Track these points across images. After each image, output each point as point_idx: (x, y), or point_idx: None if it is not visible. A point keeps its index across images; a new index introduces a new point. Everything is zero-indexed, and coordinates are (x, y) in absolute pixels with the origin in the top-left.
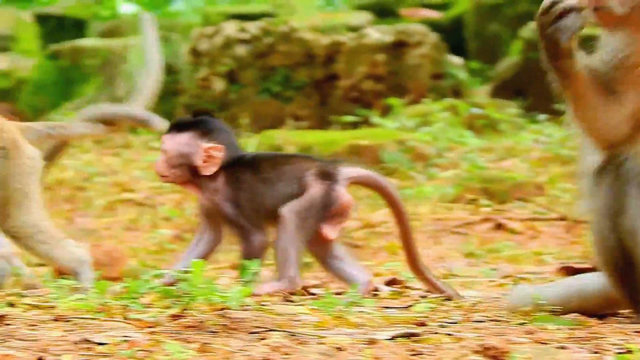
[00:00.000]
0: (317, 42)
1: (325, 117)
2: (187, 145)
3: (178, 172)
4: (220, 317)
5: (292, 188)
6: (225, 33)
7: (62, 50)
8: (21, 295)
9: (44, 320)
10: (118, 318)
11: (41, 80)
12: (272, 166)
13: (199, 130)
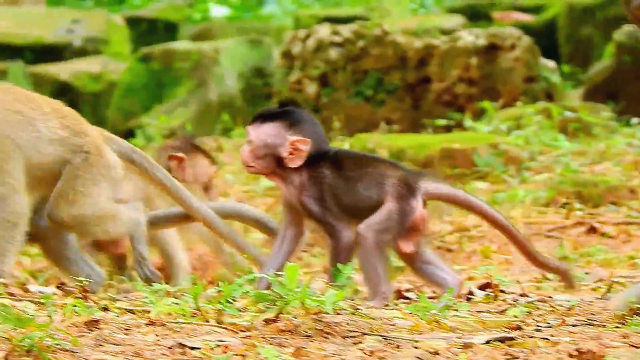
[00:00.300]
0: (410, 45)
1: (418, 120)
2: (274, 136)
3: (263, 163)
4: (315, 321)
5: (371, 191)
6: (318, 36)
7: (153, 53)
8: (115, 300)
9: (137, 325)
10: (212, 322)
11: (132, 83)
12: (355, 165)
13: (286, 122)
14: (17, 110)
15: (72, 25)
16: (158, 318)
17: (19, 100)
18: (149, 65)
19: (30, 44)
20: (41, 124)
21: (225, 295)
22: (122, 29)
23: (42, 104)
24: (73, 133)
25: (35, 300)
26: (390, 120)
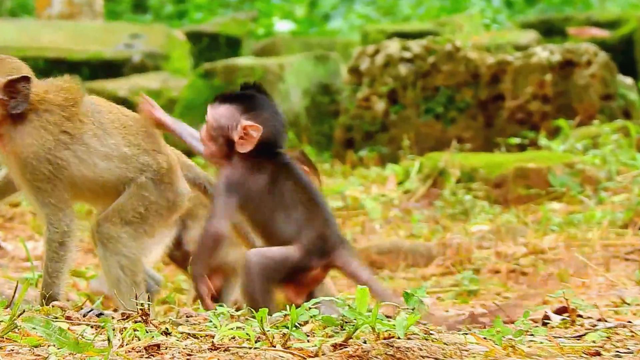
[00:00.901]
0: (483, 61)
1: (491, 139)
2: (227, 118)
3: (216, 145)
4: (386, 346)
5: (287, 225)
6: (387, 52)
7: (215, 69)
8: (177, 323)
9: (200, 350)
10: (278, 347)
11: (193, 100)
12: (294, 189)
13: (242, 105)
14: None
15: (131, 40)
16: (222, 343)
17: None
18: (210, 81)
19: (88, 60)
20: (94, 140)
21: (292, 319)
22: (183, 44)
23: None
24: (141, 151)
25: (93, 324)
26: (462, 139)
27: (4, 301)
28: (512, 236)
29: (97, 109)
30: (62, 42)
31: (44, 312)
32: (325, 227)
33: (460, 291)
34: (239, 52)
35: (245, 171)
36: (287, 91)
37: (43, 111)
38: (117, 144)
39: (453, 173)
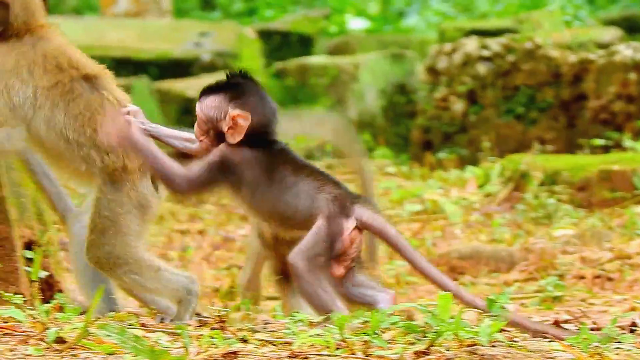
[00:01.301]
0: (564, 60)
1: (573, 140)
2: (215, 109)
3: (210, 139)
4: (469, 353)
5: (299, 202)
6: (465, 50)
7: (287, 68)
8: (254, 330)
9: (279, 357)
10: (359, 355)
11: None
12: (294, 170)
13: (228, 94)
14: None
15: (200, 38)
16: (301, 350)
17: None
18: (283, 81)
19: (156, 59)
20: (56, 110)
21: (373, 326)
22: (254, 43)
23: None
24: (90, 145)
25: (169, 331)
26: (544, 140)
27: (78, 308)
28: (597, 241)
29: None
30: (129, 40)
31: (118, 318)
32: (333, 187)
33: (544, 297)
34: (312, 50)
35: (240, 162)
36: (361, 91)
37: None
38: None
39: (535, 176)
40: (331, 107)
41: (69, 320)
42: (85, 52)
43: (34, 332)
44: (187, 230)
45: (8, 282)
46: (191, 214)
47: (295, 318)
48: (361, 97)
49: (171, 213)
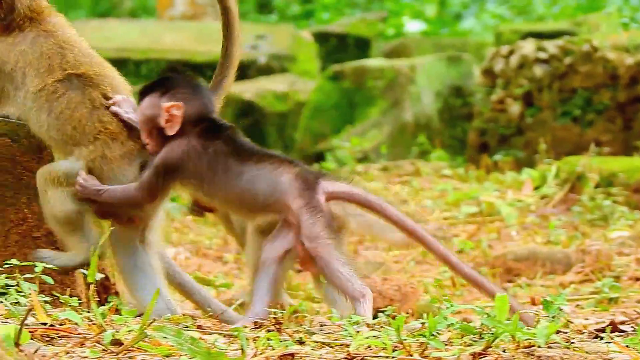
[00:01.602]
0: (621, 62)
1: (630, 142)
2: (150, 108)
3: (154, 139)
4: (526, 355)
5: (261, 185)
6: (521, 52)
7: (344, 71)
8: (311, 332)
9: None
10: (416, 356)
11: (322, 103)
12: (248, 154)
13: (159, 90)
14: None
15: (257, 41)
16: (358, 352)
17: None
18: (339, 83)
19: (212, 61)
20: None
21: (430, 327)
22: (310, 46)
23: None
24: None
25: (225, 333)
26: (600, 142)
27: (133, 310)
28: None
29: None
30: (185, 43)
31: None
32: (292, 166)
33: (600, 299)
34: (368, 53)
35: (180, 157)
36: (418, 93)
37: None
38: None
39: (591, 178)
40: (387, 110)
41: (125, 323)
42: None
43: (90, 335)
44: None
45: (64, 284)
46: None
47: (352, 320)
48: (417, 100)
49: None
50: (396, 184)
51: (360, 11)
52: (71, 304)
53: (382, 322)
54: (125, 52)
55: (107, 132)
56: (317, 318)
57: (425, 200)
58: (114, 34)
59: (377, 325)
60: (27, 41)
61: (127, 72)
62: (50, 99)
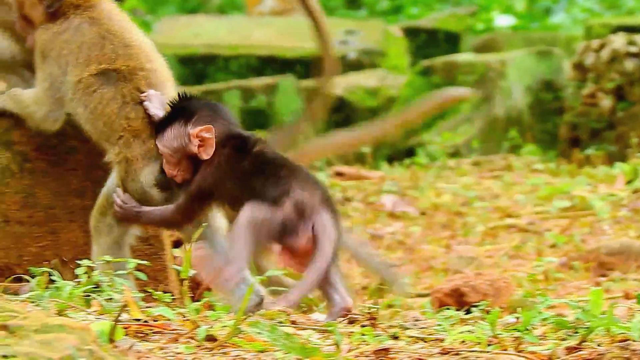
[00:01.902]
0: None
1: None
2: (177, 138)
3: (184, 167)
4: (621, 349)
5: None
6: (612, 47)
7: (434, 66)
8: (405, 328)
9: (430, 354)
10: (511, 351)
11: (412, 98)
12: (264, 178)
13: (181, 119)
14: None
15: (346, 36)
16: (452, 346)
17: None
18: (429, 78)
19: (302, 57)
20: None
21: (525, 322)
22: (400, 41)
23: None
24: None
25: (319, 329)
26: None
27: (227, 306)
28: None
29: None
30: (274, 39)
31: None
32: (302, 193)
33: None
34: (458, 48)
35: (214, 182)
36: (509, 88)
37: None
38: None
39: None
40: (478, 105)
41: (219, 318)
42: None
43: (184, 331)
44: None
45: (157, 280)
46: None
47: (446, 314)
48: (508, 95)
49: None
50: (488, 178)
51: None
52: (164, 300)
53: (476, 317)
54: (214, 49)
55: (130, 129)
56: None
57: (517, 195)
58: (203, 30)
59: (471, 320)
60: (71, 29)
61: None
62: (86, 93)
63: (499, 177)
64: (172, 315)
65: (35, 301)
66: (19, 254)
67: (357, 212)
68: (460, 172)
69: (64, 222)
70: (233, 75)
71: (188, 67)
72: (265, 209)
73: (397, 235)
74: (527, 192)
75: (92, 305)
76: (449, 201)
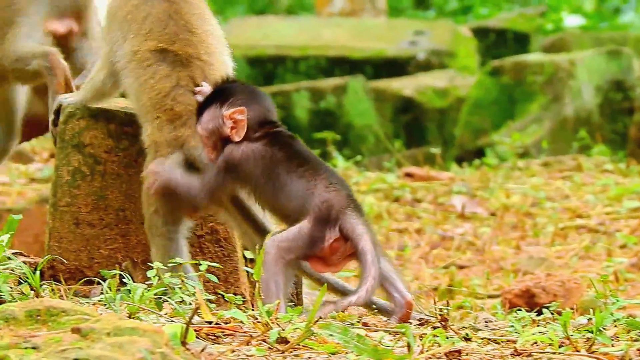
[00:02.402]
0: None
1: None
2: (212, 120)
3: (218, 150)
4: None
5: (291, 204)
6: None
7: (503, 66)
8: (476, 329)
9: (502, 355)
10: (583, 352)
11: (481, 98)
12: (288, 168)
13: (217, 101)
14: None
15: (416, 37)
16: (524, 348)
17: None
18: (499, 79)
19: (371, 58)
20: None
21: (597, 323)
22: (469, 41)
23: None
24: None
25: (392, 330)
26: None
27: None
28: None
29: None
30: (344, 40)
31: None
32: (329, 191)
33: None
34: (527, 48)
35: (240, 159)
36: (578, 88)
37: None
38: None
39: None
40: (547, 105)
41: (290, 321)
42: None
43: (256, 333)
44: (405, 229)
45: (228, 282)
46: (408, 212)
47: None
48: (578, 95)
49: (388, 212)
50: (557, 179)
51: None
52: (236, 302)
53: (547, 318)
54: (284, 49)
55: (170, 112)
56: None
57: (587, 195)
58: (272, 30)
59: (543, 321)
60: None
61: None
62: (140, 65)
63: (568, 178)
64: (243, 317)
65: (107, 304)
66: (90, 257)
67: (427, 213)
68: (529, 172)
69: (135, 225)
70: (302, 76)
71: (257, 68)
72: (287, 235)
73: (467, 236)
74: (597, 193)
75: (164, 308)
76: (518, 202)
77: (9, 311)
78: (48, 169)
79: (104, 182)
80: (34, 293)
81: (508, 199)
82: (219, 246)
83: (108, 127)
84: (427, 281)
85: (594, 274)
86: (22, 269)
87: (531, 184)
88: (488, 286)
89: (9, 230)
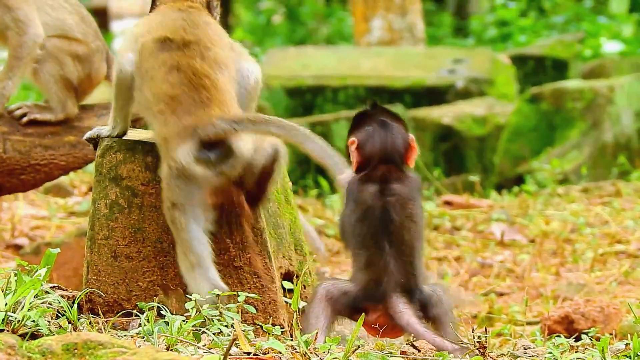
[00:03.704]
0: None
1: None
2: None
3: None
4: None
5: (357, 262)
6: None
7: (542, 93)
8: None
9: None
10: None
11: (520, 126)
12: (368, 230)
13: (354, 124)
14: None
15: (454, 65)
16: None
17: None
18: (538, 106)
19: (410, 87)
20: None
21: (635, 348)
22: (508, 68)
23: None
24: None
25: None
26: None
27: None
28: None
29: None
30: (383, 69)
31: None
32: (382, 273)
33: None
34: (566, 74)
35: (355, 190)
36: (617, 114)
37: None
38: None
39: None
40: (587, 131)
41: (329, 350)
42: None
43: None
44: (444, 257)
45: (267, 313)
46: (447, 240)
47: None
48: (617, 120)
49: (428, 241)
50: (597, 205)
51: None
52: (274, 332)
53: (586, 344)
54: (323, 79)
55: (169, 99)
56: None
57: (626, 220)
58: (311, 60)
59: (581, 347)
60: (159, 12)
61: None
62: (144, 58)
63: (608, 204)
64: (282, 348)
65: (145, 336)
66: (128, 289)
67: (466, 240)
68: (569, 199)
69: (173, 256)
70: (341, 106)
71: (296, 98)
72: (340, 287)
73: (507, 263)
74: (637, 218)
75: (202, 340)
76: (558, 228)
77: (47, 345)
78: (87, 203)
79: (141, 214)
80: (72, 326)
81: (547, 226)
82: (257, 277)
83: (145, 160)
84: (467, 308)
85: (634, 299)
86: (60, 303)
87: (570, 210)
88: (527, 313)
89: (47, 264)
